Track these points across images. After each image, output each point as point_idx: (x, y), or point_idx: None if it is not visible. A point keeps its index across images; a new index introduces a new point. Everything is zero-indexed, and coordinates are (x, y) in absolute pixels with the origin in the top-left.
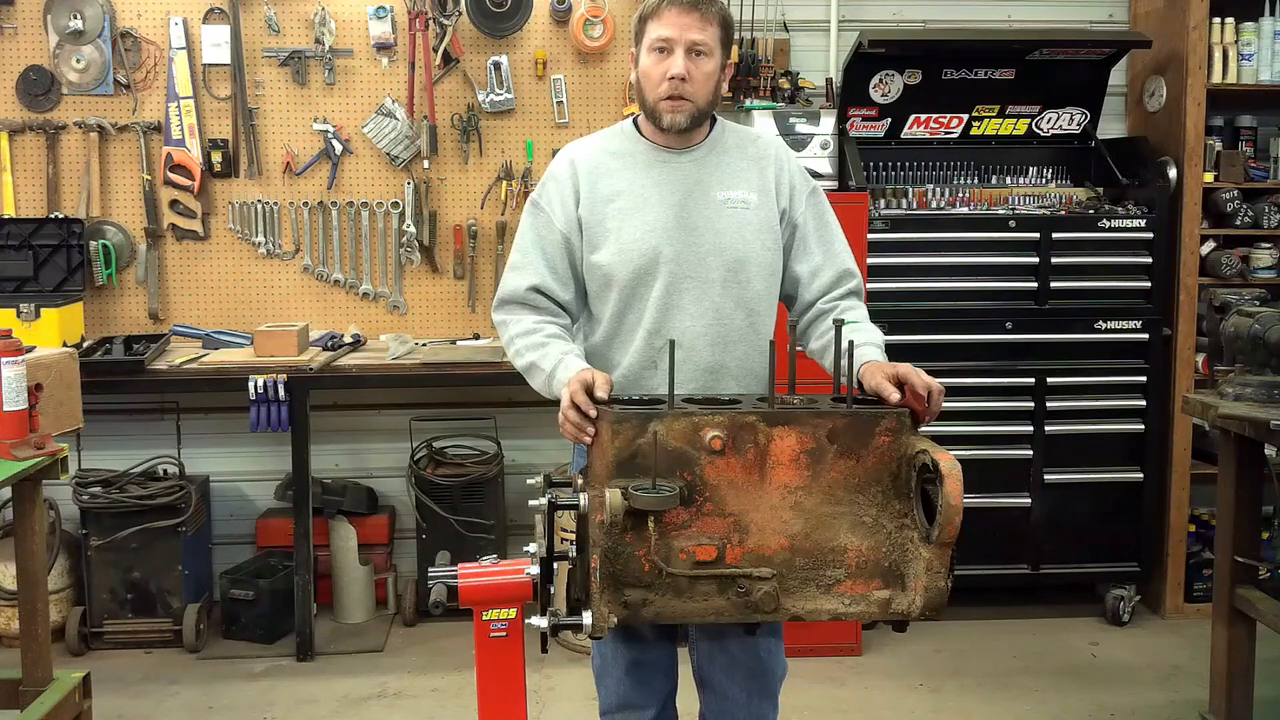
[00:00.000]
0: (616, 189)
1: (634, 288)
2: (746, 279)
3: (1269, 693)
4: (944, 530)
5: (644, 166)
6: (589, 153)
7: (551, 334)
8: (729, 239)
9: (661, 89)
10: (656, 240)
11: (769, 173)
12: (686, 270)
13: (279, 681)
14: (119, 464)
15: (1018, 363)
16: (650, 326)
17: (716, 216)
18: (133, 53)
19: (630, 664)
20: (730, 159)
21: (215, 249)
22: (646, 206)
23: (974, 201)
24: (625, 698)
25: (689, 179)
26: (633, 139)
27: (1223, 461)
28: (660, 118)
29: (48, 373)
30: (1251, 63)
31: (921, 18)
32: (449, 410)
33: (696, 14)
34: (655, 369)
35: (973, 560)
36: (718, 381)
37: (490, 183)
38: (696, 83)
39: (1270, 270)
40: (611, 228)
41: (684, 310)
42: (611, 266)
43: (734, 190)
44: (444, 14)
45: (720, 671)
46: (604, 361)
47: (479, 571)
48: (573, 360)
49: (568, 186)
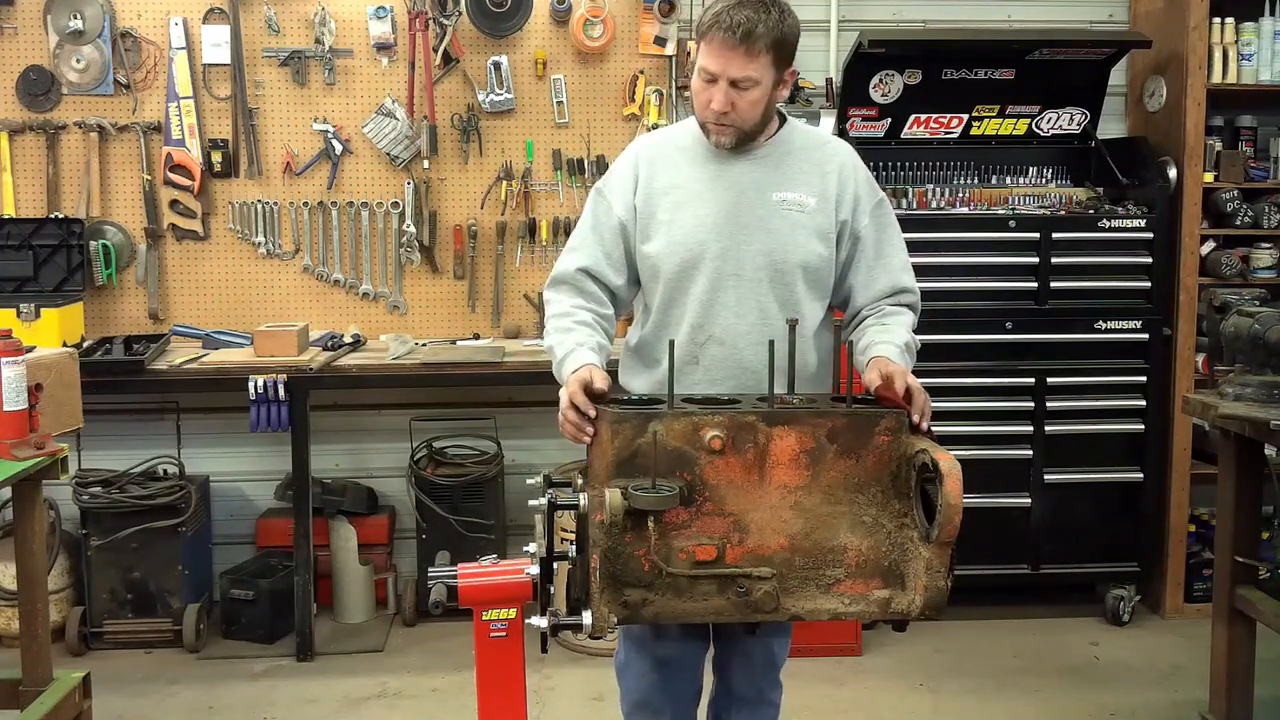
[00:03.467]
0: (674, 182)
1: (678, 281)
2: (793, 280)
3: (1269, 693)
4: (944, 530)
5: (704, 163)
6: (654, 145)
7: (581, 320)
8: (780, 240)
9: (706, 114)
10: (704, 235)
11: (831, 180)
12: (731, 268)
13: (279, 681)
14: (119, 464)
15: (1018, 363)
16: (694, 321)
17: (770, 216)
18: (133, 53)
19: (656, 662)
20: (794, 161)
21: (215, 249)
22: (699, 201)
23: (974, 201)
24: (647, 696)
25: (746, 178)
26: (696, 135)
27: (1223, 461)
28: (708, 134)
29: (48, 373)
30: (1251, 63)
31: (921, 18)
32: (449, 410)
33: (742, 49)
34: (696, 364)
35: (973, 560)
36: (760, 382)
37: (490, 183)
38: (740, 111)
39: (1270, 270)
40: (663, 220)
41: (727, 307)
42: (659, 258)
43: (792, 192)
44: (444, 14)
45: (736, 666)
46: (649, 355)
47: (479, 571)
48: (584, 352)
49: (629, 175)
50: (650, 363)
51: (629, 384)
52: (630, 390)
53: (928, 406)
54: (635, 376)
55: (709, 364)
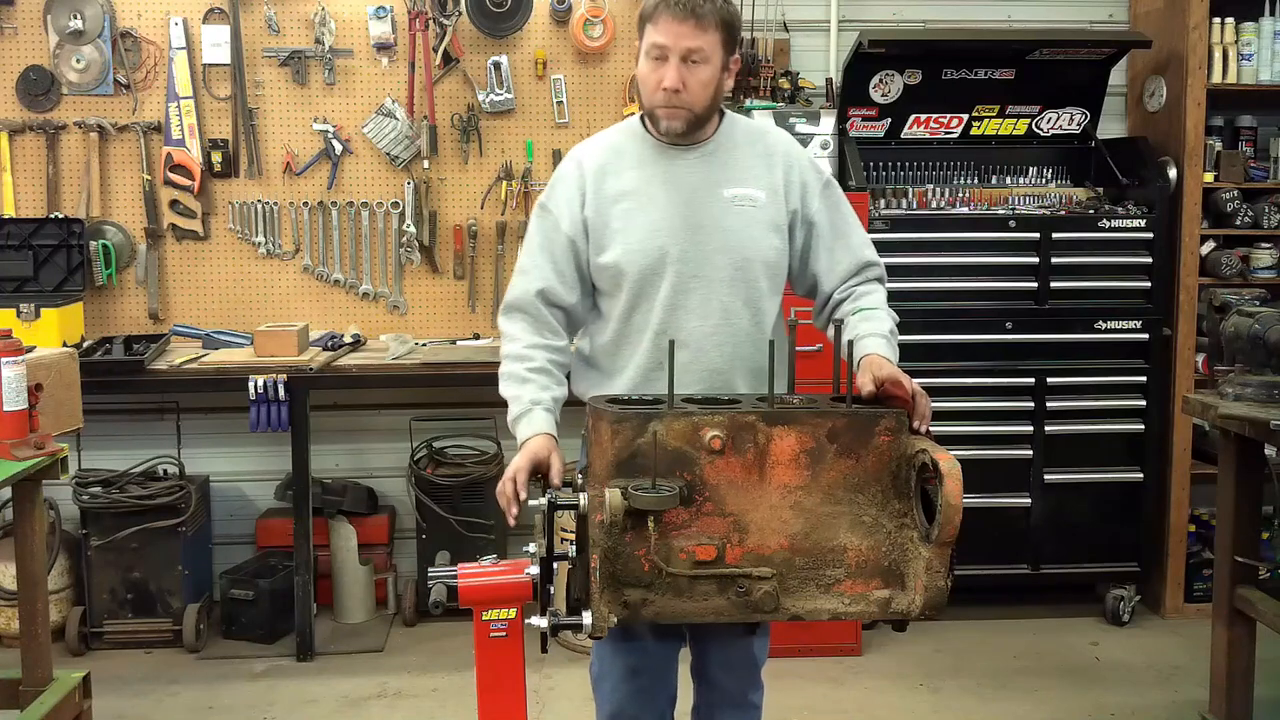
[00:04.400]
0: (623, 189)
1: (641, 288)
2: (753, 277)
3: (1269, 693)
4: (944, 530)
5: (650, 165)
6: (596, 152)
7: (537, 367)
8: (736, 237)
9: (657, 97)
10: (663, 240)
11: (778, 171)
12: (693, 269)
13: (279, 681)
14: (119, 464)
15: (1018, 363)
16: (658, 327)
17: (724, 215)
18: (133, 53)
19: (627, 671)
20: (739, 155)
21: (215, 249)
22: (653, 205)
23: (974, 201)
24: (621, 706)
25: (695, 176)
26: (639, 137)
27: (1223, 461)
28: (658, 122)
29: (48, 373)
30: (1251, 63)
31: (921, 18)
32: (449, 410)
33: (692, 21)
34: (663, 370)
35: (973, 560)
36: (726, 383)
37: (490, 183)
38: (692, 91)
39: (1270, 270)
40: (617, 228)
41: (691, 310)
42: (619, 267)
43: (741, 187)
44: (444, 14)
45: (717, 667)
46: (613, 363)
47: (479, 571)
48: (539, 416)
49: (574, 189)
50: (613, 371)
51: (584, 394)
52: (586, 401)
53: (928, 409)
54: (594, 386)
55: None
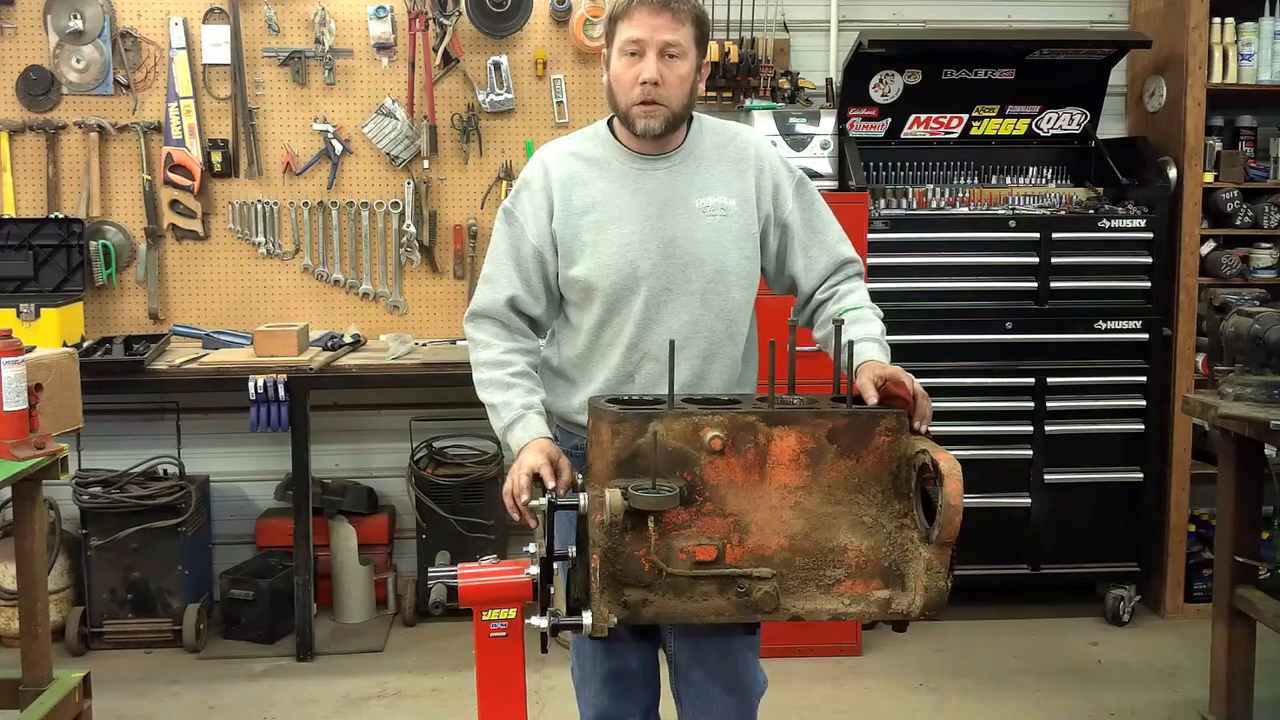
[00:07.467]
0: (591, 200)
1: (613, 303)
2: (726, 289)
3: (1269, 693)
4: (944, 530)
5: (619, 176)
6: (563, 160)
7: (518, 372)
8: (708, 249)
9: (634, 94)
10: (634, 255)
11: (749, 176)
12: (665, 284)
13: (279, 681)
14: (119, 464)
15: (1018, 363)
16: (629, 342)
17: (695, 226)
18: (133, 53)
19: (608, 675)
20: (709, 162)
21: (215, 249)
22: (623, 219)
23: (974, 201)
24: (603, 710)
25: (665, 188)
26: (607, 144)
27: (1223, 461)
28: (634, 123)
29: (48, 373)
30: (1251, 63)
31: (921, 18)
32: (449, 410)
33: (668, 14)
34: (632, 382)
35: (973, 560)
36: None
37: (490, 183)
38: (670, 86)
39: (1270, 270)
40: (587, 241)
41: (663, 324)
42: (589, 281)
43: (713, 196)
44: (444, 14)
45: (701, 672)
46: (582, 374)
47: (479, 571)
48: (532, 421)
49: (541, 198)
50: (581, 382)
51: (552, 404)
52: (555, 410)
53: (929, 410)
54: (563, 397)
55: (644, 381)
